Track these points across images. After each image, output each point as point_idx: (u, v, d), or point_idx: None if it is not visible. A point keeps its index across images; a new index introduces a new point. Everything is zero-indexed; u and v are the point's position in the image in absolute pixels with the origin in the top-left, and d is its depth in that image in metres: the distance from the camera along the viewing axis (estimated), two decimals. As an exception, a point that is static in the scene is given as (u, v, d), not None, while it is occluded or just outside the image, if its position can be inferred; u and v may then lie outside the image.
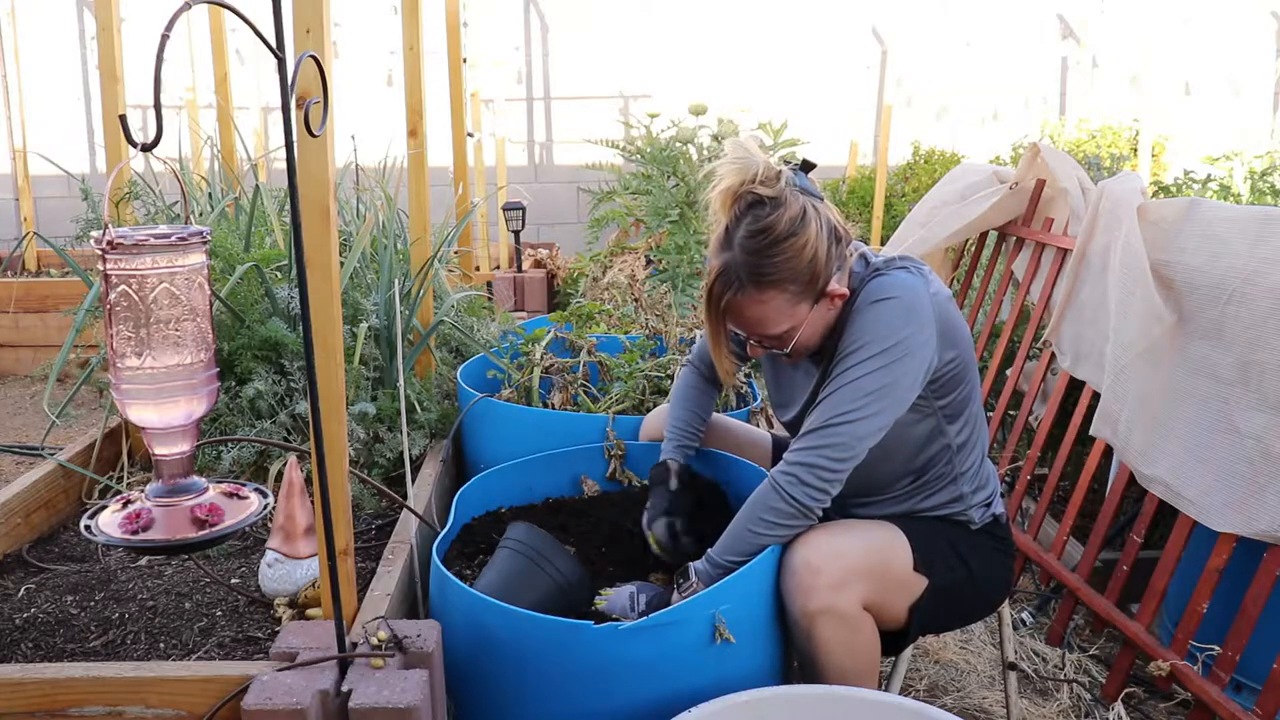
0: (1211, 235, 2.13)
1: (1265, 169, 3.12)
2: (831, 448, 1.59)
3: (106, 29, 2.45)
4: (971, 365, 1.73)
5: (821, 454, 1.60)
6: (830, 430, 1.60)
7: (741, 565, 1.62)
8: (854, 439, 1.59)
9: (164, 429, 1.32)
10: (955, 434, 1.74)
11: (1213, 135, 5.60)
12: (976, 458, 1.79)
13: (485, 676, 1.63)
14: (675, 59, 6.89)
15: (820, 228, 1.61)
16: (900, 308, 1.60)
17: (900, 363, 1.59)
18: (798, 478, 1.60)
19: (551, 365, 2.64)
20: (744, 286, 1.62)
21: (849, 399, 1.59)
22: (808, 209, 1.62)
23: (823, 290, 1.63)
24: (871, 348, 1.59)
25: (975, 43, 6.97)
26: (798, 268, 1.60)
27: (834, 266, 1.64)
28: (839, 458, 1.60)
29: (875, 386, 1.59)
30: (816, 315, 1.66)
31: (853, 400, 1.59)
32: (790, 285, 1.61)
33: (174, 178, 1.85)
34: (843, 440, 1.59)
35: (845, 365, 1.62)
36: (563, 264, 5.77)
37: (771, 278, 1.60)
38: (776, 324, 1.64)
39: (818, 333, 1.69)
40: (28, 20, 6.40)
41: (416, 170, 2.85)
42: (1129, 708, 2.15)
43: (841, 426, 1.59)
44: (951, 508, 1.78)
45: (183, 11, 1.16)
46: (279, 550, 1.79)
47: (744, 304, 1.64)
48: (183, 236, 1.27)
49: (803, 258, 1.60)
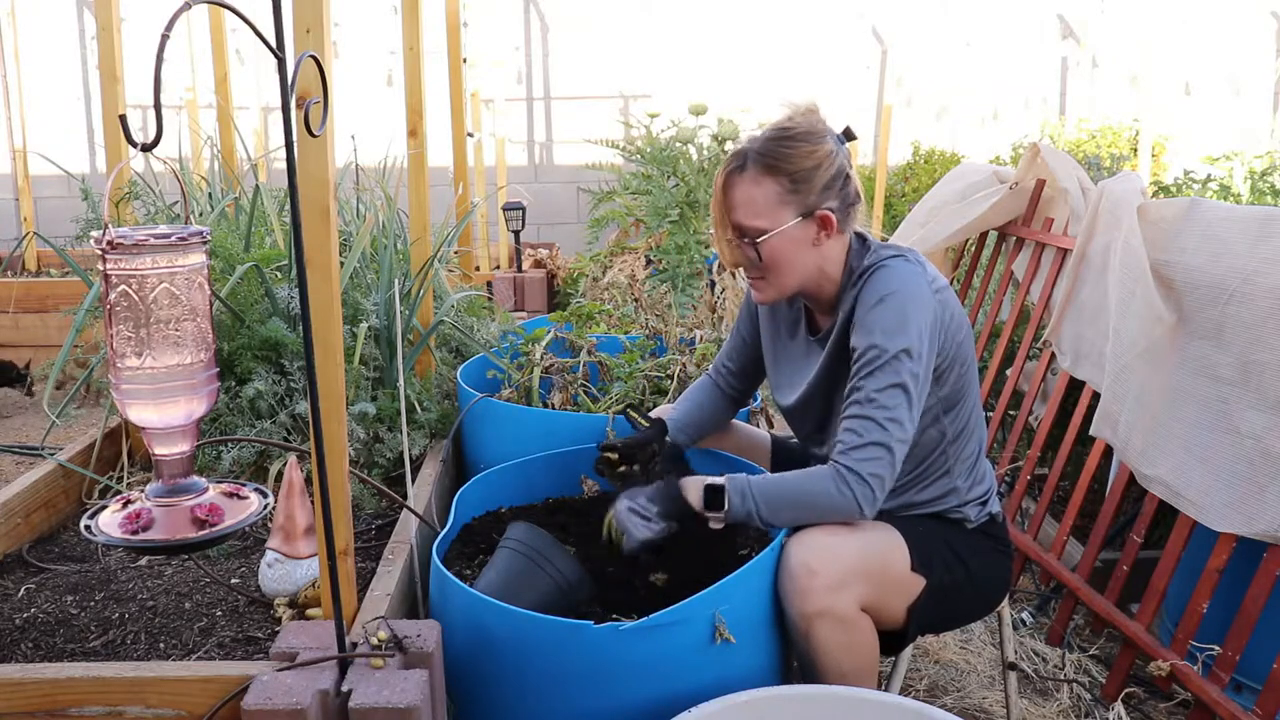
0: (1211, 235, 2.13)
1: (1265, 169, 3.12)
2: (889, 454, 1.61)
3: (106, 29, 2.45)
4: (969, 356, 1.74)
5: (884, 464, 1.61)
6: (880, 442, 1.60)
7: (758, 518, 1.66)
8: (900, 435, 1.62)
9: (164, 429, 1.32)
10: (950, 423, 1.74)
11: (1213, 135, 5.60)
12: (972, 451, 1.79)
13: (485, 676, 1.63)
14: (675, 59, 6.89)
15: (835, 161, 1.68)
16: (896, 302, 1.63)
17: (907, 355, 1.61)
18: (874, 498, 1.61)
19: (551, 365, 2.64)
20: (746, 166, 1.69)
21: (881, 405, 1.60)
22: (833, 143, 1.69)
23: (813, 207, 1.67)
24: (880, 345, 1.62)
25: (975, 43, 6.97)
26: (800, 167, 1.66)
27: (834, 200, 1.69)
28: (895, 462, 1.62)
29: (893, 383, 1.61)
30: (799, 237, 1.69)
31: (884, 405, 1.60)
32: (785, 180, 1.66)
33: (174, 178, 1.85)
34: (894, 447, 1.61)
35: (860, 365, 1.64)
36: (563, 264, 5.77)
37: (772, 164, 1.66)
38: (758, 214, 1.68)
39: (797, 270, 1.72)
40: (28, 20, 6.40)
41: (416, 170, 2.85)
42: (1129, 708, 2.15)
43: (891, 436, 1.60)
44: (946, 502, 1.78)
45: (183, 11, 1.16)
46: (279, 550, 1.79)
47: (740, 182, 1.70)
48: (183, 236, 1.27)
49: (809, 162, 1.66)
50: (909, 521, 1.74)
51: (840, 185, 1.69)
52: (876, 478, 1.60)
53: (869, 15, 6.97)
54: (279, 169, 1.50)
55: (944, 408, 1.73)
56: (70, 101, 6.88)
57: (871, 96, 7.01)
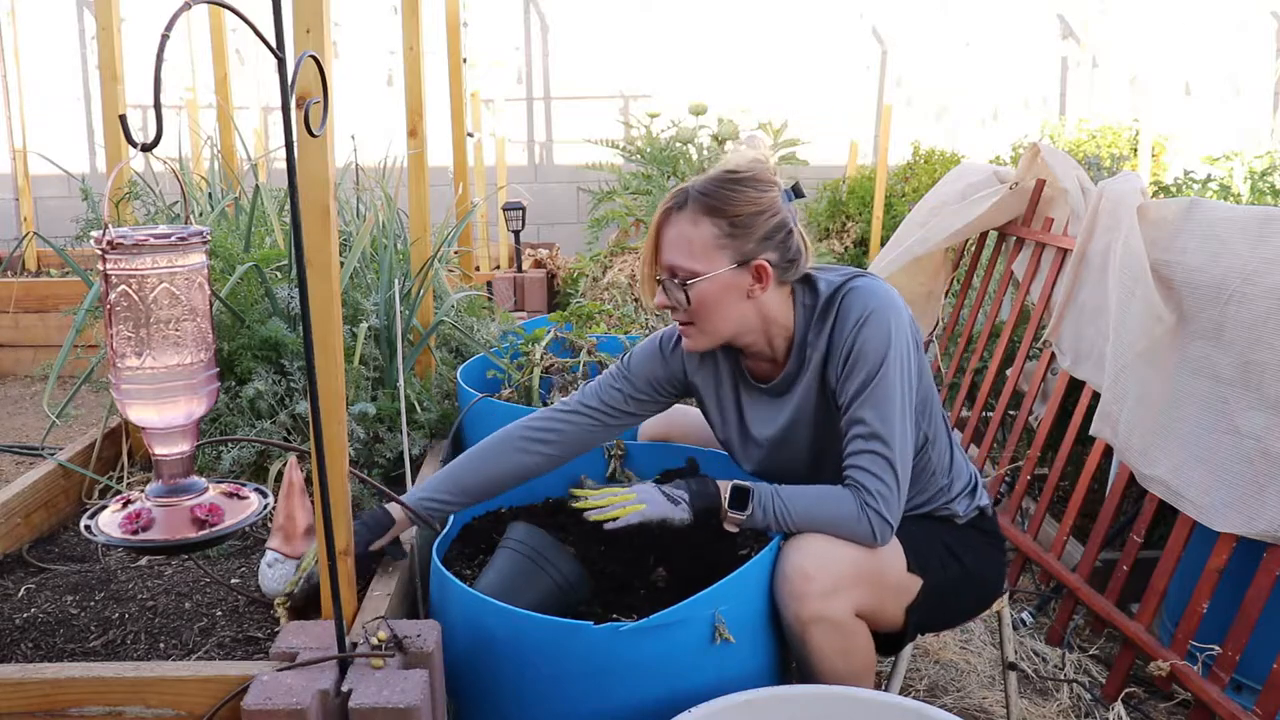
0: (1211, 235, 2.13)
1: (1265, 169, 3.12)
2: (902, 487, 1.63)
3: (106, 29, 2.45)
4: (923, 354, 1.74)
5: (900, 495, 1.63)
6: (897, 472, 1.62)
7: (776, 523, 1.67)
8: (907, 460, 1.64)
9: (164, 429, 1.32)
10: (927, 425, 1.74)
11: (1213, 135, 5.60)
12: (945, 446, 1.79)
13: (485, 676, 1.63)
14: (675, 59, 6.89)
15: (778, 212, 1.64)
16: (878, 318, 1.62)
17: (894, 364, 1.62)
18: (891, 526, 1.63)
19: (551, 365, 2.64)
20: (685, 205, 1.64)
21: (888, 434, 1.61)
22: (779, 195, 1.65)
23: (750, 256, 1.63)
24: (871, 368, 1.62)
25: (975, 43, 6.97)
26: (741, 212, 1.62)
27: (772, 253, 1.64)
28: (906, 491, 1.65)
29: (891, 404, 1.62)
30: (731, 284, 1.64)
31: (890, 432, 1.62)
32: (724, 223, 1.62)
33: (174, 178, 1.85)
34: (906, 475, 1.64)
35: (855, 393, 1.63)
36: (563, 264, 5.77)
37: (713, 205, 1.62)
38: (690, 255, 1.63)
39: (729, 318, 1.66)
40: (28, 20, 6.40)
41: (416, 170, 2.85)
42: (1129, 708, 2.15)
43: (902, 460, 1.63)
44: (934, 501, 1.79)
45: (183, 11, 1.16)
46: (279, 550, 1.79)
47: (677, 220, 1.65)
48: (183, 236, 1.27)
49: (750, 208, 1.62)
50: (902, 523, 1.74)
51: (782, 238, 1.65)
52: (895, 515, 1.63)
53: (869, 15, 6.97)
54: (279, 169, 1.50)
55: (919, 411, 1.72)
56: (70, 101, 6.88)
57: (871, 96, 7.01)
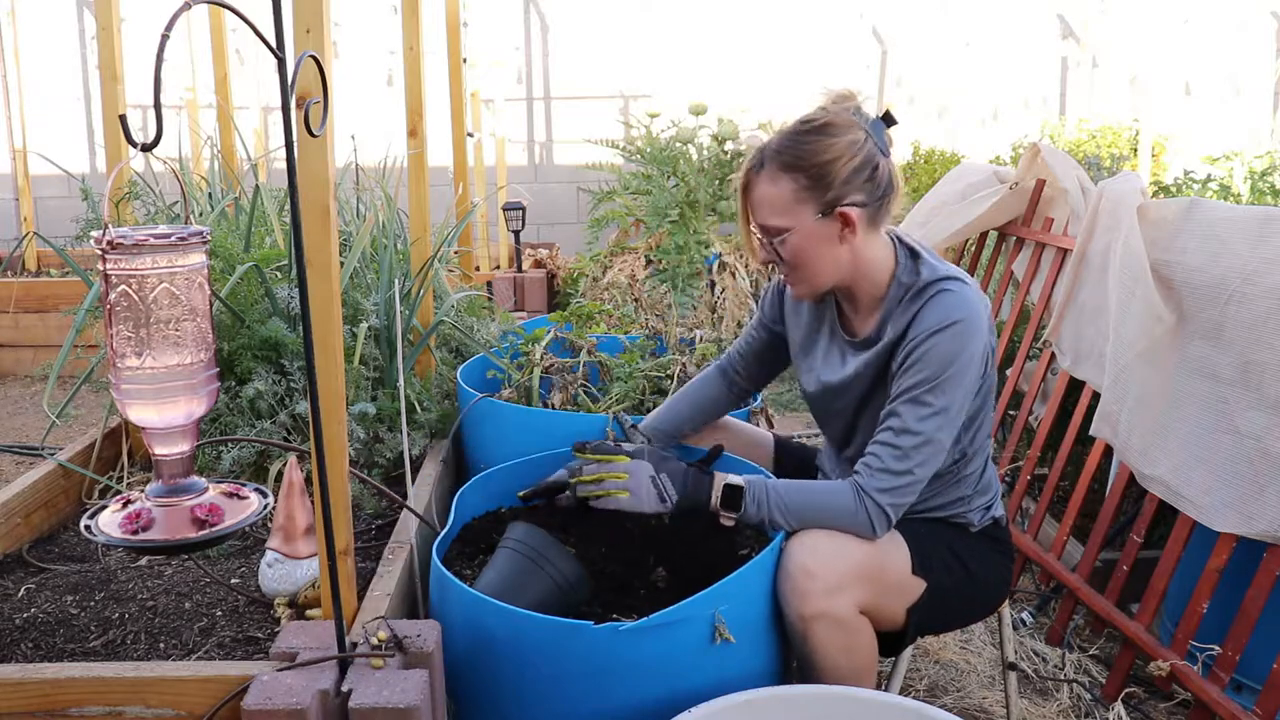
0: (1211, 235, 2.13)
1: (1265, 169, 3.12)
2: (915, 484, 1.64)
3: (106, 29, 2.45)
4: (994, 375, 1.73)
5: (909, 493, 1.64)
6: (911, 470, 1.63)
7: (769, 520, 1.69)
8: (929, 468, 1.65)
9: (164, 429, 1.32)
10: (969, 441, 1.74)
11: (1213, 135, 5.60)
12: (982, 461, 1.80)
13: (485, 676, 1.63)
14: (675, 59, 6.89)
15: (858, 152, 1.63)
16: (962, 331, 1.61)
17: (956, 381, 1.61)
18: (890, 523, 1.64)
19: (551, 365, 2.64)
20: (764, 165, 1.66)
21: (920, 435, 1.62)
22: (857, 132, 1.64)
23: (832, 203, 1.63)
24: (931, 374, 1.61)
25: (975, 43, 6.97)
26: (817, 161, 1.62)
27: (857, 194, 1.63)
28: (917, 491, 1.66)
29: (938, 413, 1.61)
30: (822, 235, 1.65)
31: (923, 435, 1.62)
32: (802, 176, 1.62)
33: (174, 178, 1.85)
34: (922, 475, 1.64)
35: (907, 390, 1.63)
36: (563, 264, 5.77)
37: (789, 161, 1.63)
38: (776, 214, 1.65)
39: (827, 267, 1.68)
40: (28, 20, 6.40)
41: (416, 170, 2.85)
42: (1129, 708, 2.15)
43: (919, 460, 1.63)
44: (953, 508, 1.78)
45: (183, 11, 1.16)
46: (279, 550, 1.79)
47: (758, 181, 1.67)
48: (183, 236, 1.27)
49: (826, 155, 1.62)
50: (911, 524, 1.74)
51: (867, 176, 1.64)
52: (895, 506, 1.63)
53: (869, 15, 6.97)
54: (279, 169, 1.50)
55: (965, 425, 1.72)
56: (70, 101, 6.88)
57: (871, 96, 7.01)
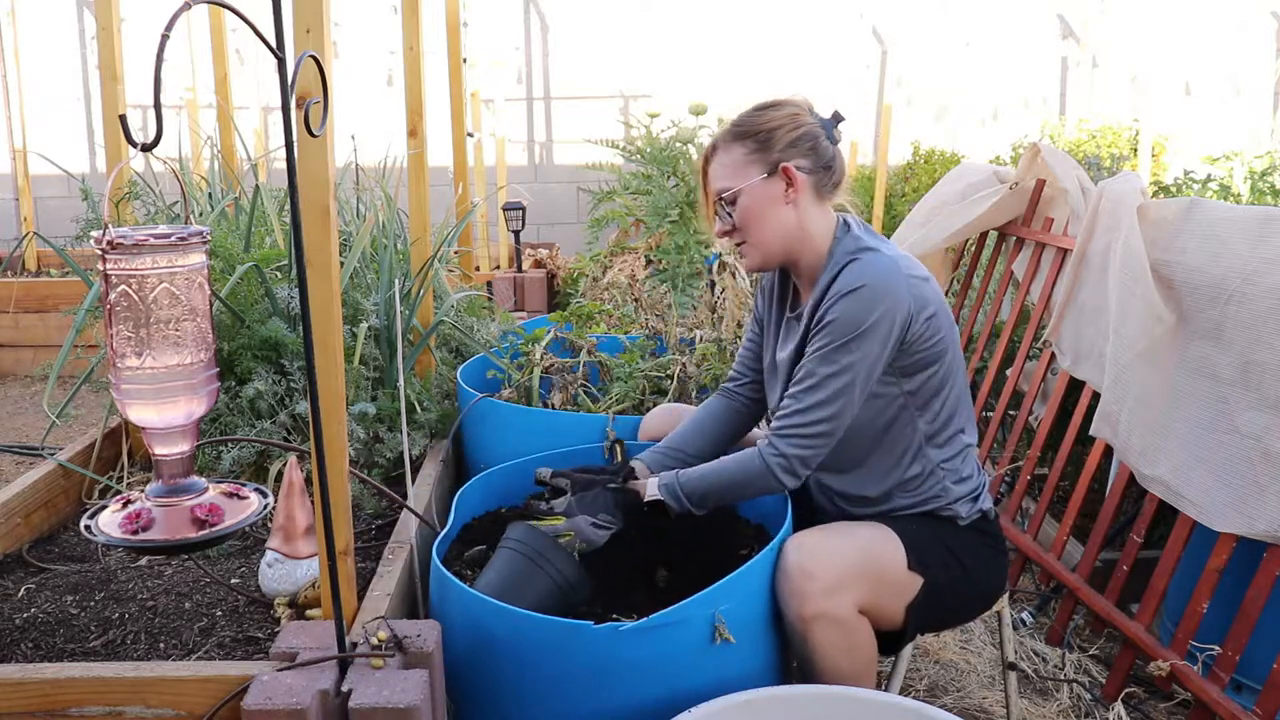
0: (1211, 235, 2.13)
1: (1265, 169, 3.12)
2: (817, 437, 1.69)
3: (106, 29, 2.45)
4: (948, 358, 1.74)
5: (809, 444, 1.69)
6: (813, 422, 1.68)
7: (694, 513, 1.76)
8: (833, 424, 1.68)
9: (164, 429, 1.32)
10: (926, 422, 1.75)
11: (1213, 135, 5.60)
12: (956, 449, 1.79)
13: (485, 676, 1.63)
14: (675, 59, 6.89)
15: (803, 123, 1.75)
16: (867, 295, 1.66)
17: (861, 342, 1.65)
18: (792, 471, 1.69)
19: (551, 365, 2.64)
20: (718, 143, 1.80)
21: (823, 389, 1.67)
22: (802, 110, 1.77)
23: (777, 162, 1.73)
24: (837, 334, 1.66)
25: (975, 43, 6.97)
26: (765, 128, 1.74)
27: (801, 159, 1.74)
28: (822, 445, 1.69)
29: (841, 371, 1.66)
30: (767, 194, 1.74)
31: (826, 389, 1.67)
32: (751, 141, 1.74)
33: (174, 178, 1.85)
34: (824, 430, 1.69)
35: (816, 348, 1.69)
36: (563, 264, 5.76)
37: (739, 131, 1.76)
38: (727, 177, 1.76)
39: (771, 228, 1.76)
40: (28, 20, 6.40)
41: (416, 170, 2.85)
42: (1129, 708, 2.15)
43: (821, 415, 1.67)
44: (934, 502, 1.77)
45: (183, 11, 1.16)
46: (279, 550, 1.79)
47: (714, 156, 1.80)
48: (183, 236, 1.27)
49: (773, 123, 1.74)
50: (903, 521, 1.74)
51: (809, 146, 1.74)
52: (799, 459, 1.69)
53: (869, 15, 6.97)
54: (279, 169, 1.50)
55: (916, 406, 1.73)
56: (70, 101, 6.88)
57: (871, 96, 7.01)
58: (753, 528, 2.05)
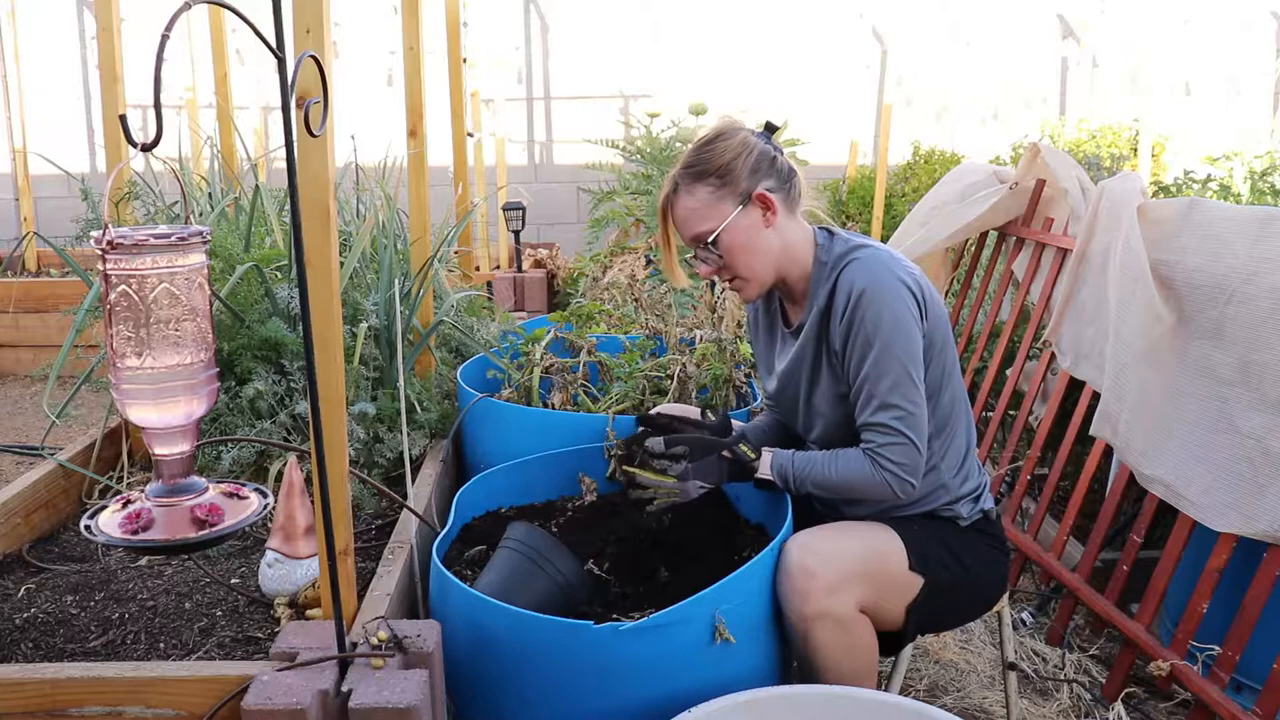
0: (1211, 235, 2.13)
1: (1265, 169, 3.12)
2: (911, 445, 1.66)
3: (106, 29, 2.45)
4: (945, 353, 1.74)
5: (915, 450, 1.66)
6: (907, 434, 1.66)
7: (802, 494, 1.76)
8: (918, 426, 1.67)
9: (164, 429, 1.32)
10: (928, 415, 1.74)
11: (1213, 135, 5.60)
12: (958, 447, 1.80)
13: (485, 676, 1.63)
14: (675, 59, 6.89)
15: (755, 147, 1.74)
16: (876, 291, 1.66)
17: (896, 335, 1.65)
18: (910, 482, 1.67)
19: (551, 365, 2.64)
20: (677, 186, 1.76)
21: (901, 405, 1.65)
22: (746, 133, 1.76)
23: (747, 191, 1.72)
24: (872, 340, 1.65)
25: (975, 43, 6.97)
26: (720, 163, 1.72)
27: (767, 180, 1.74)
28: (920, 449, 1.67)
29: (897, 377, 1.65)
30: (749, 225, 1.73)
31: (904, 404, 1.65)
32: (713, 179, 1.73)
33: (174, 178, 1.85)
34: (915, 438, 1.66)
35: (860, 365, 1.67)
36: (563, 264, 5.76)
37: (697, 171, 1.73)
38: (700, 221, 1.74)
39: (762, 256, 1.75)
40: (28, 20, 6.40)
41: (416, 170, 2.85)
42: (1129, 708, 2.15)
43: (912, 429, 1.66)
44: (935, 500, 1.78)
45: (183, 11, 1.16)
46: (279, 550, 1.79)
47: (677, 203, 1.77)
48: (183, 236, 1.27)
49: (727, 155, 1.72)
50: (904, 521, 1.74)
51: (768, 166, 1.74)
52: (904, 466, 1.66)
53: (869, 15, 6.97)
54: (279, 169, 1.50)
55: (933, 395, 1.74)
56: (70, 101, 6.88)
57: (871, 96, 7.01)
58: (753, 528, 2.05)
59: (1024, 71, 6.97)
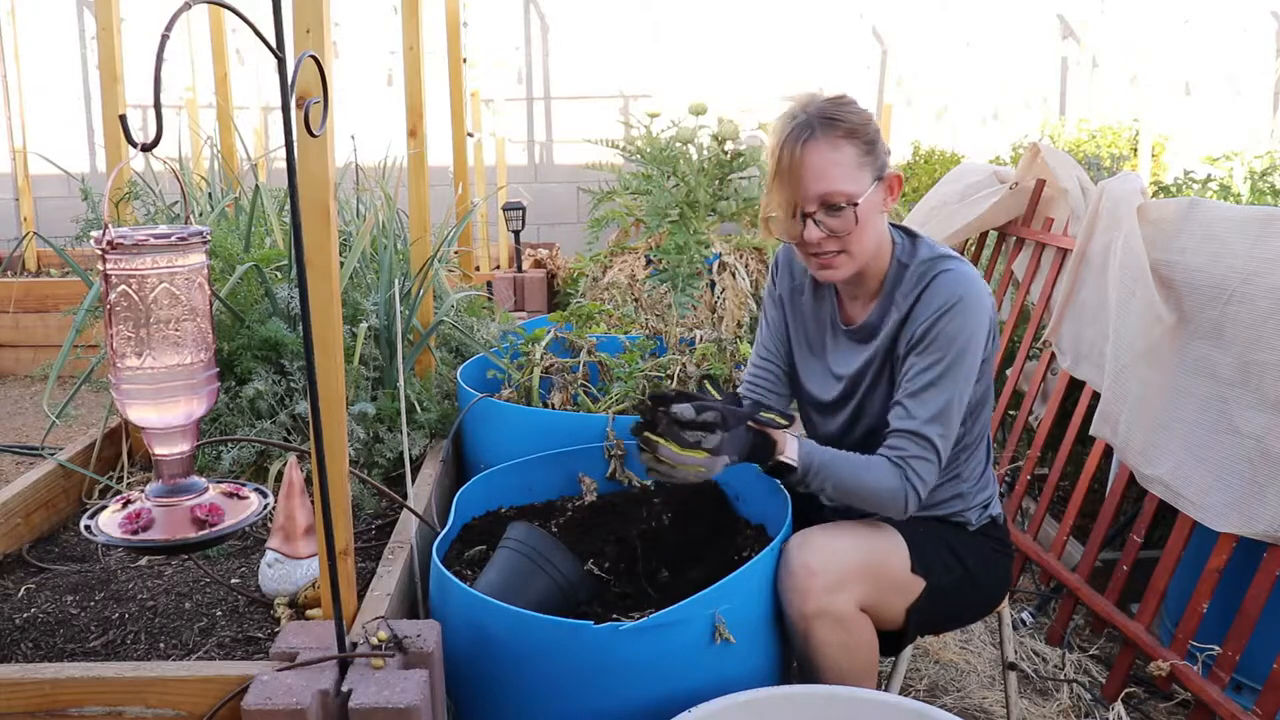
0: (1211, 235, 2.13)
1: (1265, 169, 3.12)
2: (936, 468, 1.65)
3: (106, 29, 2.45)
4: (989, 366, 1.73)
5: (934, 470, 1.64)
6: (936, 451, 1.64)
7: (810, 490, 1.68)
8: (948, 454, 1.66)
9: (164, 429, 1.32)
10: (966, 431, 1.74)
11: (1213, 135, 5.59)
12: (981, 457, 1.80)
13: (485, 676, 1.63)
14: (675, 59, 6.89)
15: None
16: (966, 308, 1.63)
17: (964, 357, 1.63)
18: (919, 494, 1.64)
19: (551, 365, 2.64)
20: (816, 134, 1.60)
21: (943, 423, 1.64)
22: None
23: (881, 169, 1.65)
24: (946, 352, 1.62)
25: (975, 43, 6.97)
26: (867, 127, 1.63)
27: (888, 162, 1.67)
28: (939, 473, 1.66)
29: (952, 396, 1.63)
30: (876, 204, 1.65)
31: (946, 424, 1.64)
32: (861, 143, 1.62)
33: (174, 178, 1.85)
34: (944, 460, 1.65)
35: (927, 371, 1.64)
36: (563, 264, 5.76)
37: (845, 126, 1.61)
38: (845, 180, 1.60)
39: (872, 239, 1.67)
40: (28, 20, 6.39)
41: (416, 170, 2.85)
42: (1129, 708, 2.15)
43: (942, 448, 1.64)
44: (951, 506, 1.78)
45: (183, 11, 1.16)
46: (279, 550, 1.79)
47: (814, 149, 1.60)
48: (183, 236, 1.27)
49: (870, 123, 1.64)
50: (910, 523, 1.74)
51: (886, 152, 1.68)
52: (925, 484, 1.64)
53: (869, 15, 6.97)
54: (279, 169, 1.50)
55: (964, 415, 1.71)
56: (70, 101, 6.87)
57: (871, 96, 7.00)
58: (753, 528, 2.05)
59: (1024, 71, 6.97)
